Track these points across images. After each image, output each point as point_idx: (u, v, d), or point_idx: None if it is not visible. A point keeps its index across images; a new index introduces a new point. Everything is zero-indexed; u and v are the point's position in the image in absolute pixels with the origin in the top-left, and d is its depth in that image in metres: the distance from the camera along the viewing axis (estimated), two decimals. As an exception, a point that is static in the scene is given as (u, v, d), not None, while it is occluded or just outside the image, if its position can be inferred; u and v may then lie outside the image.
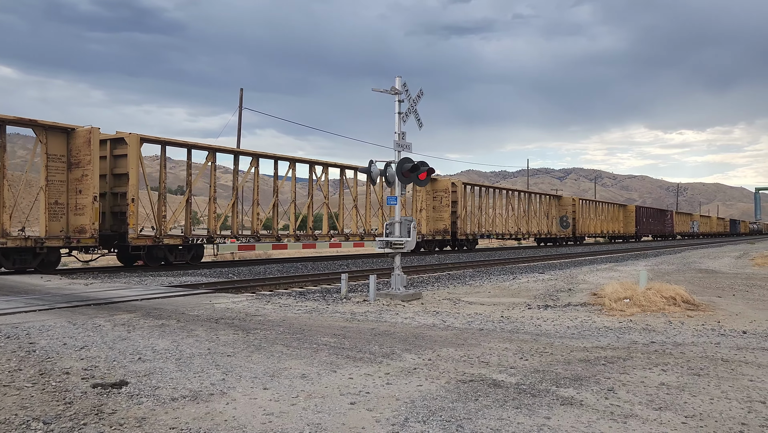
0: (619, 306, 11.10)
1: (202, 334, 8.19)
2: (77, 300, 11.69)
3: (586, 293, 13.98)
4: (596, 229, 60.36)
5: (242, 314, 10.13)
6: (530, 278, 18.10)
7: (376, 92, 13.17)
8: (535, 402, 5.12)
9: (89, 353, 6.93)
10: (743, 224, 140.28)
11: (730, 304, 12.18)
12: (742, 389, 5.61)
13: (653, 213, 78.40)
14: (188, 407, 4.95)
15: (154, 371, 6.11)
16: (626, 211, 70.45)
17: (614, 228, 65.58)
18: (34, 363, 6.41)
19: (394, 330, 8.82)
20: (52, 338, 7.79)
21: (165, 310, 10.55)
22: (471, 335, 8.53)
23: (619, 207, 69.89)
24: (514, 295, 13.82)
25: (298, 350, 7.23)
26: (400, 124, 13.20)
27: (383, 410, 4.89)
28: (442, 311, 11.11)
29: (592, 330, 9.11)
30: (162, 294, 12.91)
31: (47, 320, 9.26)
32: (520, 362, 6.68)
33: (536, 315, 10.63)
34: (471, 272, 21.08)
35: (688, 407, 5.03)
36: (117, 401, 5.08)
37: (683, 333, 8.83)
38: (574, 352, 7.33)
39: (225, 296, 12.86)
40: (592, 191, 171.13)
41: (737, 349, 7.64)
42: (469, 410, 4.90)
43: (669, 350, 7.55)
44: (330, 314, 10.44)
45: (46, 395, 5.27)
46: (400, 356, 6.93)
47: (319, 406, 4.99)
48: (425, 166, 13.29)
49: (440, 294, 13.92)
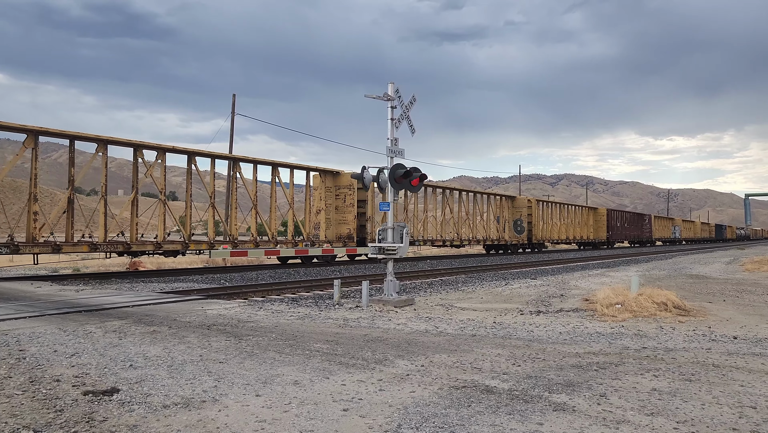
0: (610, 312, 11.14)
1: (194, 340, 8.15)
2: (68, 307, 11.62)
3: (578, 298, 14.02)
4: (560, 234, 54.14)
5: (234, 321, 10.09)
6: (522, 284, 18.13)
7: (368, 98, 13.19)
8: (528, 408, 5.13)
9: (80, 360, 6.88)
10: (729, 229, 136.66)
11: (721, 309, 12.24)
12: (733, 395, 5.64)
13: (629, 217, 72.84)
14: (180, 415, 4.92)
15: (145, 378, 6.07)
16: (596, 214, 64.45)
17: (583, 233, 59.52)
18: (24, 370, 6.36)
19: (386, 336, 8.82)
20: (42, 345, 7.74)
21: (157, 316, 10.50)
22: (464, 340, 8.54)
23: (589, 210, 63.73)
24: (506, 301, 13.84)
25: (291, 356, 7.21)
26: (393, 130, 13.23)
27: (376, 417, 4.88)
28: (435, 316, 11.11)
29: (584, 336, 9.14)
30: (153, 300, 12.85)
31: (38, 326, 9.20)
32: (512, 368, 6.69)
33: (528, 321, 10.65)
34: (464, 277, 21.11)
35: (680, 413, 5.05)
36: (108, 409, 5.05)
37: (675, 339, 8.87)
38: (566, 358, 7.34)
39: (217, 303, 12.82)
40: (583, 197, 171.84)
41: (728, 354, 7.68)
42: (461, 416, 4.90)
43: (660, 355, 7.58)
44: (323, 320, 10.42)
45: (36, 402, 5.23)
46: (393, 363, 6.93)
47: (311, 413, 4.98)
48: (418, 172, 13.32)
49: (433, 300, 13.92)
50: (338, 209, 29.75)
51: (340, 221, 29.76)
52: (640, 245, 74.88)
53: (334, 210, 29.79)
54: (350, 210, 29.53)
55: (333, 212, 29.79)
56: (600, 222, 63.61)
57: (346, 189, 29.71)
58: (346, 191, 29.69)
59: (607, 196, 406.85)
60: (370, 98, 13.17)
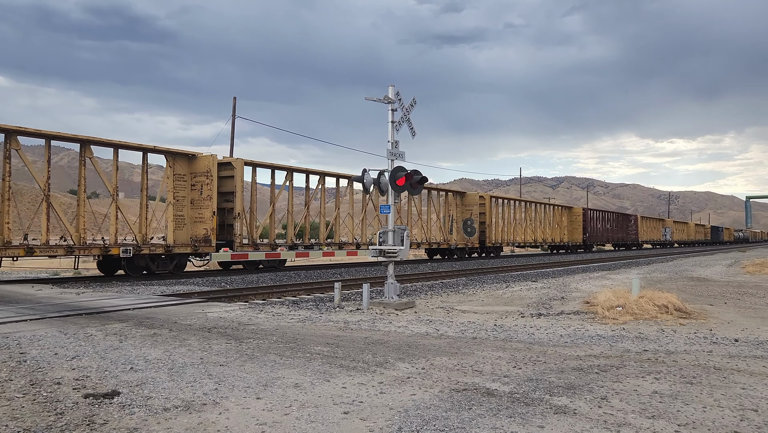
0: (611, 314, 11.13)
1: (195, 343, 8.15)
2: (69, 309, 11.61)
3: (578, 301, 14.01)
4: (525, 236, 47.30)
5: (235, 323, 10.09)
6: (523, 287, 18.12)
7: (368, 101, 13.21)
8: (529, 411, 5.12)
9: (81, 362, 6.88)
10: (727, 231, 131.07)
11: (722, 312, 12.23)
12: (734, 397, 5.63)
13: (611, 217, 66.04)
14: (181, 418, 4.92)
15: (146, 380, 6.07)
16: (571, 214, 57.60)
17: (555, 235, 53.05)
18: (25, 373, 6.36)
19: (387, 339, 8.81)
20: (43, 347, 7.74)
21: (157, 319, 10.49)
22: (464, 343, 8.53)
23: (563, 209, 56.70)
24: (507, 303, 13.83)
25: (291, 359, 7.20)
26: (393, 133, 13.24)
27: (377, 420, 4.88)
28: (436, 319, 11.10)
29: (585, 338, 9.13)
30: (154, 303, 12.85)
31: (38, 329, 9.20)
32: (513, 371, 6.69)
33: (529, 323, 10.64)
34: (464, 280, 21.10)
35: (681, 416, 5.04)
36: (109, 412, 5.05)
37: (676, 341, 8.86)
38: (567, 360, 7.34)
39: (218, 305, 12.81)
40: (584, 200, 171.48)
41: (729, 357, 7.67)
42: (462, 419, 4.89)
43: (662, 358, 7.57)
44: (323, 323, 10.41)
45: (36, 405, 5.23)
46: (394, 365, 6.92)
47: (312, 415, 4.98)
48: (418, 175, 13.33)
49: (433, 302, 13.92)
50: (194, 204, 22.80)
51: (196, 218, 22.75)
52: (626, 248, 69.59)
53: (189, 205, 22.69)
54: (208, 204, 22.54)
55: (188, 207, 22.64)
56: (575, 223, 57.21)
57: (203, 177, 22.63)
58: (204, 180, 22.61)
59: (608, 198, 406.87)
60: (371, 101, 13.19)
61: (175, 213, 22.25)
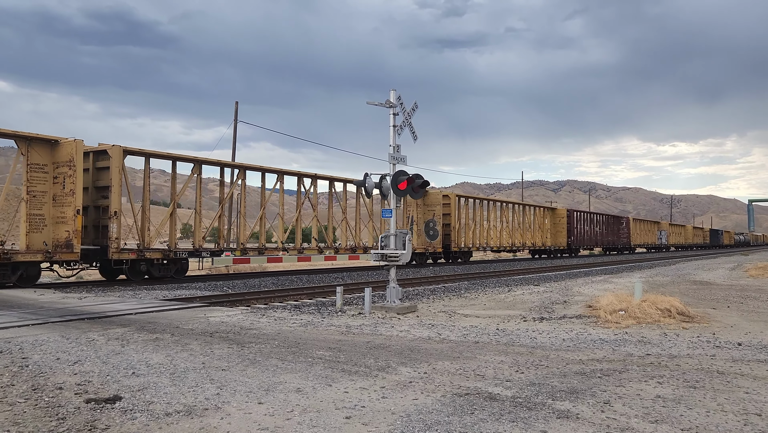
0: (614, 318, 11.10)
1: (197, 348, 8.15)
2: (71, 314, 11.62)
3: (581, 305, 13.98)
4: (500, 240, 43.44)
5: (237, 328, 10.08)
6: (525, 290, 18.10)
7: (370, 105, 13.22)
8: (531, 415, 5.10)
9: (83, 367, 6.88)
10: (727, 234, 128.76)
11: (725, 315, 12.20)
12: (738, 402, 5.61)
13: (600, 220, 62.23)
14: (182, 422, 4.91)
15: (148, 385, 6.06)
16: (555, 216, 53.91)
17: (536, 239, 49.27)
18: (27, 378, 6.36)
19: (389, 343, 8.80)
20: (45, 352, 7.74)
21: (159, 324, 10.49)
22: (467, 347, 8.51)
23: (545, 210, 53.03)
24: (509, 307, 13.81)
25: (294, 363, 7.19)
26: (395, 137, 13.24)
27: (379, 424, 4.86)
28: (438, 323, 11.08)
29: (587, 342, 9.10)
30: (156, 308, 12.85)
31: (40, 334, 9.20)
32: (515, 375, 6.67)
33: (532, 327, 10.62)
34: (466, 284, 21.08)
35: (684, 420, 5.02)
36: (110, 417, 5.04)
37: (679, 345, 8.83)
38: (569, 364, 7.32)
39: (220, 310, 12.81)
40: (586, 203, 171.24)
41: (733, 361, 7.64)
42: (465, 423, 4.88)
43: (665, 362, 7.55)
44: (325, 327, 10.40)
45: (38, 410, 5.22)
46: (396, 370, 6.91)
47: (314, 420, 4.96)
48: (420, 179, 13.33)
49: (436, 306, 13.90)
50: (57, 200, 18.86)
51: (58, 218, 18.82)
52: (617, 252, 66.29)
53: (50, 201, 18.83)
54: (71, 201, 18.59)
55: (48, 205, 18.77)
56: (559, 225, 53.48)
57: (65, 167, 18.65)
58: (66, 171, 18.61)
59: (609, 202, 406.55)
60: (372, 105, 13.20)
61: (29, 212, 18.25)
